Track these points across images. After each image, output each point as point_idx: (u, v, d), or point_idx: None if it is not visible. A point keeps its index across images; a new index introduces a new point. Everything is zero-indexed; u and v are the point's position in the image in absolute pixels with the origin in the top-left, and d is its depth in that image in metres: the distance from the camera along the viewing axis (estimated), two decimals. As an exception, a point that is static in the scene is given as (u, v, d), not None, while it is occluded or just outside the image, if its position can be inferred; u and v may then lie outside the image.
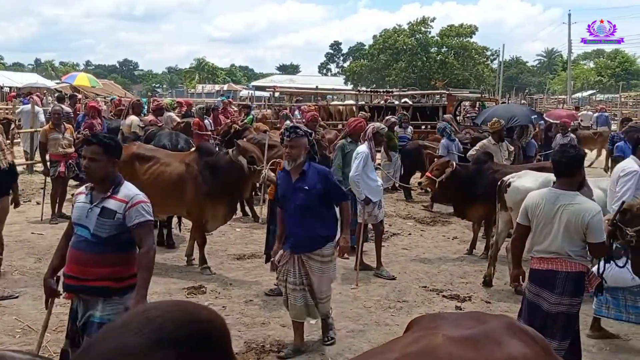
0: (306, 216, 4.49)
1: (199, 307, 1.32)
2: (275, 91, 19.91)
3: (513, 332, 1.66)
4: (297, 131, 4.56)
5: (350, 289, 6.21)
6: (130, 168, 6.62)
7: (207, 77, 68.87)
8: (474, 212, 7.32)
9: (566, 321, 3.81)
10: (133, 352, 1.14)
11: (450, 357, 1.54)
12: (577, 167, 3.85)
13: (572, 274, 3.74)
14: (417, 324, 1.82)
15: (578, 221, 3.70)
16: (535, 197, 3.98)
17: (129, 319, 1.23)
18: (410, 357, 1.55)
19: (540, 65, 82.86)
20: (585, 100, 42.59)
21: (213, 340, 1.24)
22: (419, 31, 48.75)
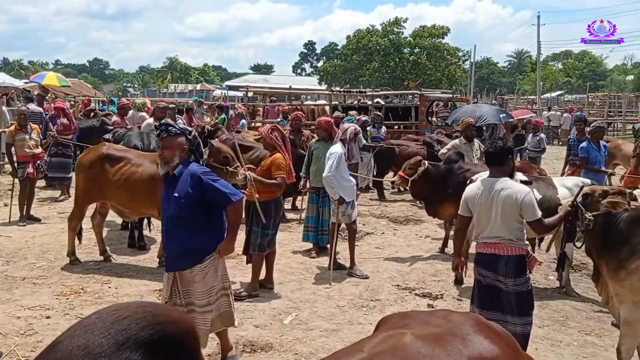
0: (179, 228, 3.92)
1: (167, 308, 1.33)
2: (248, 91, 19.82)
3: (479, 329, 1.70)
4: (170, 129, 3.95)
5: (323, 289, 6.23)
6: (100, 169, 6.60)
7: (180, 76, 68.19)
8: (444, 211, 7.41)
9: (519, 298, 4.08)
10: (97, 351, 1.13)
11: (418, 355, 1.56)
12: (505, 156, 4.18)
13: (512, 258, 4.05)
14: (386, 323, 1.84)
15: (512, 203, 4.01)
16: (472, 188, 4.31)
17: (96, 318, 1.22)
18: (379, 356, 1.57)
19: (510, 66, 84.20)
20: (554, 100, 43.41)
21: (180, 343, 1.24)
22: (391, 32, 49.10)
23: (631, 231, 3.89)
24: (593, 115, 26.86)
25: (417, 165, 7.37)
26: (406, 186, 7.66)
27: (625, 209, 3.98)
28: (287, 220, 9.35)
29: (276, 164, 5.81)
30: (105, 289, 6.04)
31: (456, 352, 1.59)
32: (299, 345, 4.79)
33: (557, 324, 5.45)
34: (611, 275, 3.97)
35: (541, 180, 6.58)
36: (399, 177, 7.49)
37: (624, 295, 3.88)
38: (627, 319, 3.89)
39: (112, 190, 6.60)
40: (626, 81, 60.90)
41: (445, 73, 47.49)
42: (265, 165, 5.93)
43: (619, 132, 25.13)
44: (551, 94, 52.83)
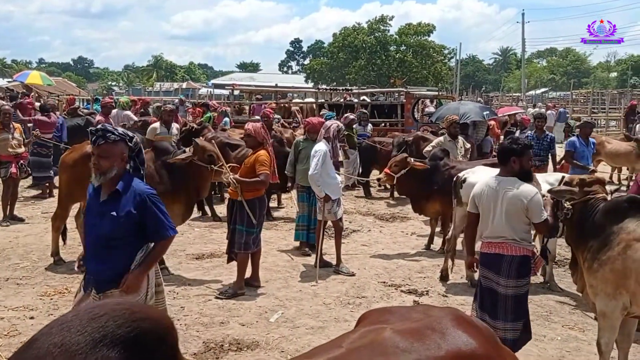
0: (111, 249, 3.41)
1: (145, 306, 1.33)
2: (234, 89, 19.75)
3: (458, 323, 1.71)
4: (109, 135, 3.35)
5: (310, 286, 6.23)
6: (84, 168, 6.48)
7: (166, 75, 67.78)
8: (430, 208, 7.44)
9: (516, 302, 4.06)
10: (74, 349, 1.13)
11: (396, 349, 1.57)
12: (510, 156, 4.15)
13: (517, 258, 4.02)
14: (366, 319, 1.86)
15: (518, 204, 4.00)
16: (480, 185, 4.29)
17: (73, 316, 1.21)
18: (357, 351, 1.58)
19: (495, 63, 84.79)
20: (538, 97, 43.78)
21: (158, 340, 1.24)
22: (377, 29, 49.19)
23: (604, 222, 3.93)
24: (577, 112, 27.14)
25: (403, 162, 7.40)
26: (392, 183, 7.70)
27: (602, 198, 4.03)
28: (273, 219, 9.35)
29: (260, 161, 5.81)
30: (90, 289, 5.98)
31: (435, 346, 1.61)
32: (285, 343, 4.79)
33: (541, 319, 5.50)
34: (585, 266, 4.03)
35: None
36: (384, 175, 7.51)
37: (597, 287, 3.93)
38: (603, 310, 3.94)
39: None
40: (609, 78, 61.60)
41: (431, 71, 47.69)
42: (249, 162, 5.91)
43: (603, 129, 25.39)
44: (536, 91, 53.27)
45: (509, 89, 60.14)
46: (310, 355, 1.66)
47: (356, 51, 48.53)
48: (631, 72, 51.70)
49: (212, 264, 6.92)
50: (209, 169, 6.13)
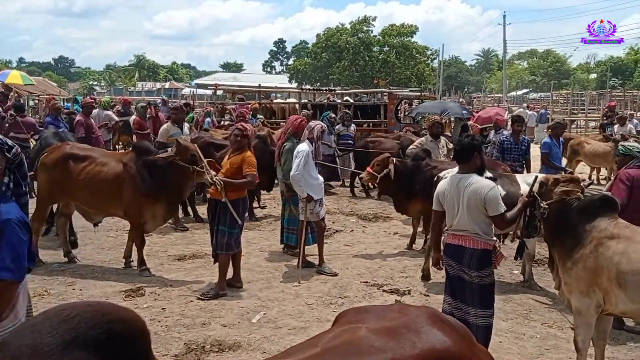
0: None
1: (117, 307, 1.31)
2: (217, 89, 19.64)
3: (433, 322, 1.73)
4: None
5: (292, 287, 6.24)
6: (63, 169, 6.50)
7: (148, 74, 67.21)
8: (413, 207, 7.50)
9: (482, 290, 4.20)
10: (45, 351, 1.13)
11: (371, 348, 1.58)
12: (472, 153, 4.28)
13: (478, 251, 4.18)
14: (342, 318, 1.86)
15: (477, 198, 4.14)
16: (443, 184, 4.44)
17: (44, 318, 1.21)
18: (332, 350, 1.58)
19: (477, 64, 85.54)
20: (519, 98, 44.25)
21: (130, 341, 1.24)
22: (360, 30, 49.29)
23: (577, 220, 4.00)
24: (557, 113, 27.50)
25: (385, 162, 7.44)
26: (374, 182, 7.73)
27: (577, 197, 4.09)
28: (256, 219, 9.33)
29: (248, 161, 5.83)
30: (70, 291, 5.93)
31: (409, 344, 1.62)
32: (266, 343, 4.79)
33: (521, 317, 5.57)
34: (560, 264, 4.09)
35: (505, 177, 6.71)
36: (367, 174, 7.54)
37: (572, 285, 3.99)
38: (578, 308, 4.00)
39: (78, 190, 6.51)
40: (589, 79, 62.45)
41: (414, 71, 47.90)
42: (236, 163, 5.89)
43: (582, 129, 25.75)
44: (517, 92, 53.84)
45: (490, 90, 60.64)
46: (285, 356, 1.65)
47: (340, 52, 48.58)
48: (610, 74, 52.44)
49: (194, 265, 6.89)
50: (191, 170, 6.11)
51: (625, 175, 5.38)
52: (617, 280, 3.77)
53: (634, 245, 3.77)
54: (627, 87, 42.96)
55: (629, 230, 3.90)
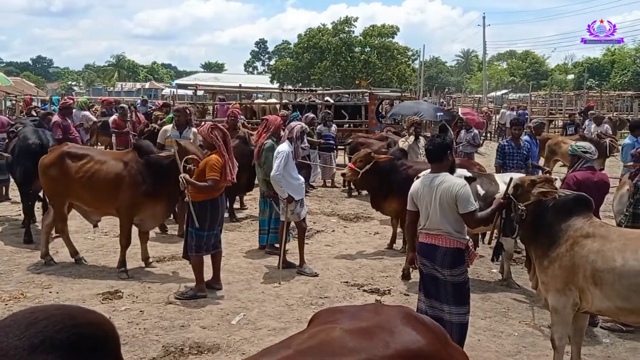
0: None
1: (86, 310, 1.29)
2: (197, 89, 19.52)
3: (407, 322, 1.73)
4: None
5: (272, 288, 6.21)
6: (61, 168, 6.54)
7: (128, 74, 66.55)
8: (388, 206, 7.54)
9: (455, 289, 4.25)
10: (11, 354, 1.11)
11: (344, 349, 1.58)
12: (444, 152, 4.34)
13: (450, 250, 4.22)
14: (317, 319, 1.85)
15: (448, 195, 4.19)
16: (416, 184, 4.49)
17: (11, 321, 1.19)
18: (305, 352, 1.57)
19: (458, 65, 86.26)
20: (499, 98, 44.71)
21: (98, 345, 1.23)
22: (342, 31, 49.39)
23: (554, 220, 4.05)
24: (536, 113, 27.82)
25: (368, 157, 7.47)
26: (356, 178, 7.74)
27: (552, 197, 4.14)
28: (236, 220, 9.29)
29: (210, 165, 5.64)
30: (46, 294, 5.84)
31: (383, 344, 1.62)
32: (246, 345, 4.76)
33: (499, 315, 5.62)
34: (537, 264, 4.14)
35: (484, 177, 6.77)
36: (349, 169, 7.55)
37: (548, 283, 4.04)
38: (554, 306, 4.05)
39: (76, 189, 6.55)
40: (567, 80, 63.31)
41: (395, 72, 48.15)
42: (201, 166, 5.77)
43: (560, 129, 26.07)
44: (497, 92, 54.39)
45: (471, 91, 61.21)
46: (260, 356, 1.64)
47: (321, 52, 48.64)
48: (587, 75, 53.26)
49: (173, 267, 6.83)
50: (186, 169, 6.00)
51: (572, 179, 5.48)
52: (593, 279, 3.82)
53: (609, 243, 3.82)
54: (604, 88, 43.69)
55: (604, 229, 3.95)
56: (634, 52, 52.61)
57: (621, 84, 47.31)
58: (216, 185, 5.70)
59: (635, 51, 52.66)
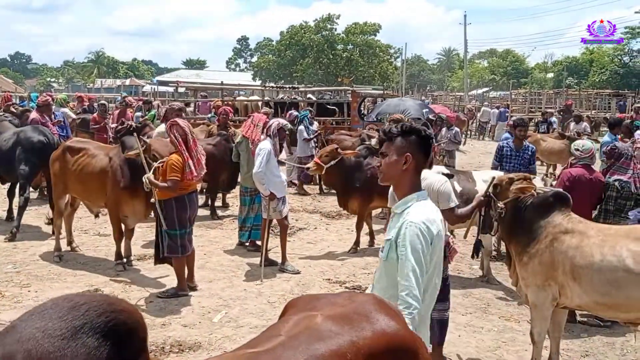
0: None
1: (120, 299, 1.41)
2: (178, 86, 19.35)
3: (380, 307, 1.86)
4: None
5: (254, 285, 6.20)
6: (62, 160, 6.84)
7: (108, 71, 65.79)
8: (351, 204, 7.60)
9: None
10: (57, 334, 1.20)
11: (330, 333, 1.70)
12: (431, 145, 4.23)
13: None
14: (293, 307, 1.94)
15: (429, 191, 4.11)
16: None
17: (52, 304, 1.28)
18: (296, 337, 1.68)
19: (440, 63, 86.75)
20: (480, 97, 45.09)
21: (131, 331, 1.33)
22: (324, 28, 49.37)
23: (533, 217, 4.10)
24: (516, 111, 28.12)
25: (334, 153, 7.48)
26: (321, 173, 7.75)
27: (531, 194, 4.19)
28: (218, 218, 9.25)
29: (169, 166, 5.50)
30: (25, 293, 5.76)
31: (362, 328, 1.74)
32: (228, 343, 4.75)
33: (479, 311, 5.68)
34: (517, 260, 4.19)
35: (462, 174, 6.83)
36: (314, 164, 7.54)
37: (528, 279, 4.10)
38: (534, 302, 4.11)
39: (70, 181, 6.80)
40: (546, 79, 64.07)
41: (377, 70, 48.29)
42: (164, 166, 5.62)
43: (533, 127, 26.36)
44: (478, 90, 54.81)
45: (452, 89, 61.63)
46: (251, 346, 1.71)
47: (304, 49, 48.58)
48: (566, 73, 53.94)
49: (153, 265, 6.76)
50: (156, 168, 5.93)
51: (567, 175, 5.56)
52: (572, 274, 3.88)
53: (588, 239, 3.89)
54: (583, 86, 44.31)
55: (582, 225, 4.02)
56: (612, 51, 53.42)
57: (599, 83, 47.98)
58: (176, 186, 5.52)
59: (614, 50, 53.48)
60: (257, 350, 1.65)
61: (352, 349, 1.68)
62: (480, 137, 26.15)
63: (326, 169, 7.40)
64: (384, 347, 1.74)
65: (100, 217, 8.13)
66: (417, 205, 2.59)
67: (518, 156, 7.22)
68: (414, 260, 2.43)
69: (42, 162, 7.73)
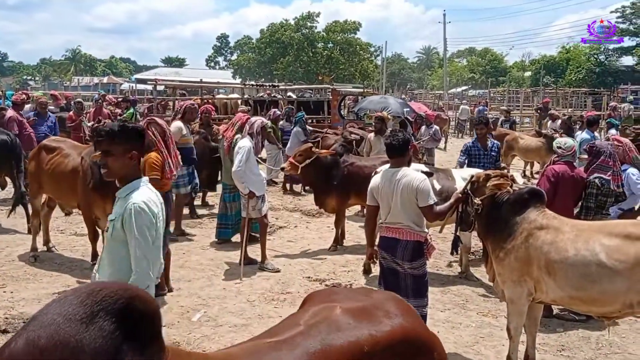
0: None
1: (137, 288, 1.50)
2: (157, 84, 19.15)
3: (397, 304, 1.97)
4: None
5: (234, 284, 6.18)
6: (37, 159, 6.81)
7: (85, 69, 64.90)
8: (329, 203, 7.62)
9: (415, 281, 4.35)
10: (76, 318, 1.29)
11: (348, 325, 1.79)
12: (406, 147, 4.42)
13: (410, 243, 4.30)
14: (313, 299, 2.04)
15: (409, 189, 4.26)
16: (376, 179, 4.51)
17: (72, 291, 1.38)
18: (315, 327, 1.77)
19: (419, 62, 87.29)
20: (459, 95, 45.47)
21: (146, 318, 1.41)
22: (304, 26, 49.35)
23: (509, 213, 4.16)
24: (495, 109, 28.43)
25: (309, 152, 7.48)
26: (296, 173, 7.75)
27: (507, 191, 4.25)
28: (198, 217, 9.19)
29: (148, 164, 5.36)
30: (0, 294, 5.67)
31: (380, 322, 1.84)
32: (207, 342, 4.72)
33: (458, 307, 5.73)
34: (494, 256, 4.25)
35: (441, 172, 6.88)
36: (289, 164, 7.53)
37: (505, 275, 4.15)
38: (510, 297, 4.17)
39: (44, 180, 6.76)
40: (524, 77, 64.86)
41: (358, 68, 48.44)
42: (142, 165, 5.58)
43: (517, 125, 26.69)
44: (457, 89, 55.27)
45: (432, 87, 62.06)
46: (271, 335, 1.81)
47: (284, 47, 48.53)
48: (544, 72, 54.66)
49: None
50: None
51: (551, 172, 5.64)
52: (547, 269, 3.93)
53: (562, 235, 3.95)
54: (559, 84, 44.95)
55: (557, 220, 4.08)
56: (589, 50, 54.25)
57: (576, 81, 48.73)
58: (156, 185, 5.43)
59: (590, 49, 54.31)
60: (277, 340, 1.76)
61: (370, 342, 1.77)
62: (459, 135, 26.36)
63: (301, 168, 7.39)
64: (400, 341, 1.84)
65: (75, 217, 8.01)
66: (139, 190, 2.99)
67: (486, 155, 7.23)
68: (141, 237, 2.87)
69: (2, 162, 7.72)
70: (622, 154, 5.96)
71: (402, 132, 4.64)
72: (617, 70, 52.33)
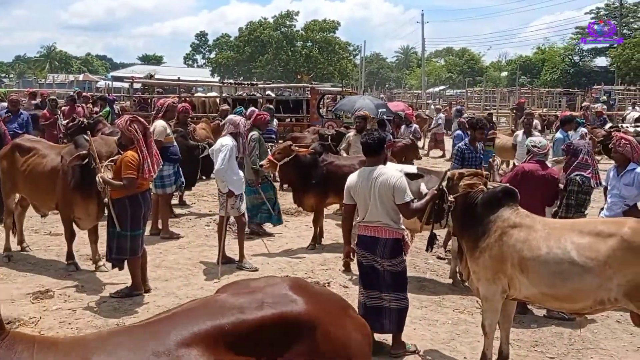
0: None
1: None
2: (133, 82, 18.92)
3: (292, 287, 2.01)
4: None
5: (212, 283, 6.15)
6: (11, 159, 6.60)
7: (60, 66, 63.88)
8: (307, 201, 7.64)
9: (394, 277, 4.44)
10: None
11: (224, 305, 1.90)
12: (382, 146, 4.49)
13: (389, 241, 4.39)
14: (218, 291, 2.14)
15: (386, 186, 4.33)
16: (353, 178, 4.56)
17: None
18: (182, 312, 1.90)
19: (398, 61, 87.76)
20: (437, 94, 45.87)
21: None
22: (283, 24, 49.29)
23: (483, 212, 4.23)
24: (472, 109, 28.75)
25: (287, 150, 7.49)
26: (275, 171, 7.76)
27: (480, 189, 4.32)
28: (175, 216, 9.12)
29: (124, 163, 5.26)
30: (-28, 295, 5.56)
31: (258, 304, 1.90)
32: (184, 341, 4.69)
33: (434, 305, 5.79)
34: (468, 254, 4.31)
35: (434, 174, 6.88)
36: (267, 161, 7.51)
37: (479, 273, 4.22)
38: (485, 295, 4.23)
39: (20, 181, 6.59)
40: (501, 77, 65.71)
41: (336, 67, 48.57)
42: (118, 164, 5.41)
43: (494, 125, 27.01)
44: (435, 88, 55.75)
45: (410, 87, 62.46)
46: (139, 324, 1.96)
47: (262, 46, 48.43)
48: (520, 72, 55.43)
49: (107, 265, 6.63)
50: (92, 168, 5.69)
51: (519, 170, 5.72)
52: (520, 267, 4.00)
53: (535, 233, 4.02)
54: (535, 85, 45.64)
55: (529, 219, 4.15)
56: (563, 51, 55.16)
57: (551, 82, 49.53)
58: (132, 184, 5.30)
59: (564, 50, 55.23)
60: (136, 324, 1.92)
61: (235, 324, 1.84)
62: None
63: (280, 166, 7.39)
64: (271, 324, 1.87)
65: (50, 216, 7.88)
66: None
67: (476, 157, 7.15)
68: None
69: None
70: (630, 152, 5.52)
71: (378, 131, 4.69)
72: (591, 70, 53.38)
